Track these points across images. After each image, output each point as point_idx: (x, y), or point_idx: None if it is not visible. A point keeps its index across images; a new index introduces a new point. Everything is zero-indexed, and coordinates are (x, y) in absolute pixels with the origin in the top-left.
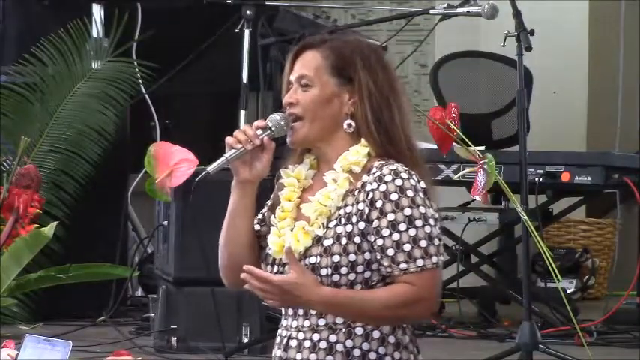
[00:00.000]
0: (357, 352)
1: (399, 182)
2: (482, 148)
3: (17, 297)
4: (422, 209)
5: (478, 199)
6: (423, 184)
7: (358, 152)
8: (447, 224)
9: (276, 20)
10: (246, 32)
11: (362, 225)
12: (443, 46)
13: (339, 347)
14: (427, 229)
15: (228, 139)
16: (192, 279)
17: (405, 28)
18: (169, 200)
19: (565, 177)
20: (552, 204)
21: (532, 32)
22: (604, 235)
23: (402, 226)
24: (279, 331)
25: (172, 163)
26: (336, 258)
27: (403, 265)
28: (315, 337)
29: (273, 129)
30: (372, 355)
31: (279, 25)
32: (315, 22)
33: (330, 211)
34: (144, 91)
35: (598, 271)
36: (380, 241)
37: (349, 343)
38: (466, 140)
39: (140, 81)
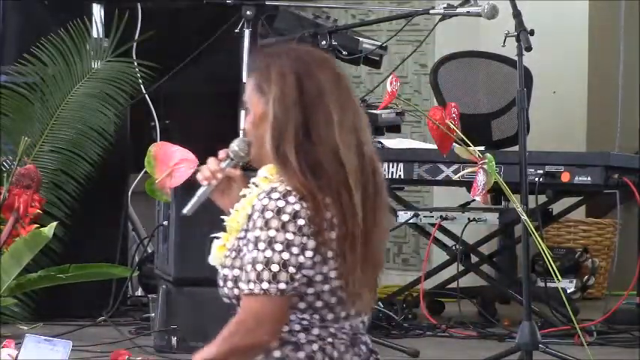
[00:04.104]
0: None
1: (265, 201)
2: (482, 148)
3: (17, 297)
4: (272, 232)
5: (478, 199)
6: (297, 207)
7: (268, 169)
8: (447, 224)
9: (276, 20)
10: (246, 32)
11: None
12: (443, 46)
13: None
14: (268, 253)
15: (198, 176)
16: (192, 279)
17: (405, 28)
18: (169, 200)
19: (565, 177)
20: (552, 204)
21: (532, 32)
22: (604, 235)
23: (250, 246)
24: None
25: (172, 163)
26: (226, 271)
27: (242, 286)
28: None
29: (233, 158)
30: None
31: (279, 25)
32: (315, 22)
33: (238, 223)
34: (144, 91)
35: (598, 271)
36: (239, 260)
37: None
38: (466, 140)
39: (140, 81)
